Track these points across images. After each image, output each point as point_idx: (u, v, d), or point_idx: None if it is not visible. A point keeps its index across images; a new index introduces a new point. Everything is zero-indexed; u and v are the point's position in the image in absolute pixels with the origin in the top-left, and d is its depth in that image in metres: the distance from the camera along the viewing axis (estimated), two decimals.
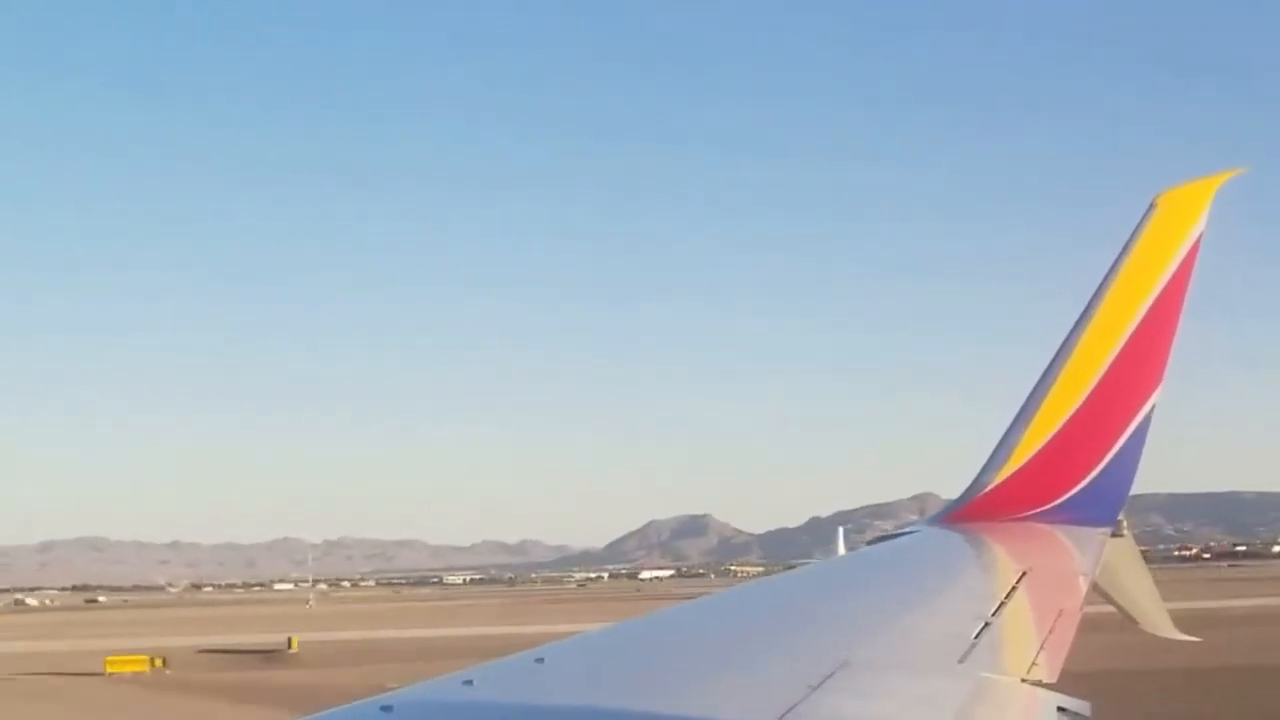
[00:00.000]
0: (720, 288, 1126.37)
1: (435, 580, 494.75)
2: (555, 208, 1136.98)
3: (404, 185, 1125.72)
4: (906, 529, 12.17)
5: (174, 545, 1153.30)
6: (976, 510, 11.55)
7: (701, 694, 4.83)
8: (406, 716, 4.20)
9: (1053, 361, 11.74)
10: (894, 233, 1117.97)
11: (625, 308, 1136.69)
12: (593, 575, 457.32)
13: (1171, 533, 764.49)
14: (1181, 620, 12.01)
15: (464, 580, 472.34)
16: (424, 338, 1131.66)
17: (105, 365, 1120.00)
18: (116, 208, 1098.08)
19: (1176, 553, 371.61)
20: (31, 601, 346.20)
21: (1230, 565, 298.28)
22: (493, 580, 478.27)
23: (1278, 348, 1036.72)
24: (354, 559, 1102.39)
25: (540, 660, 5.00)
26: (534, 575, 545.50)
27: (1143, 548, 12.52)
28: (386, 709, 4.17)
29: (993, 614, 7.29)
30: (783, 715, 4.49)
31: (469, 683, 4.54)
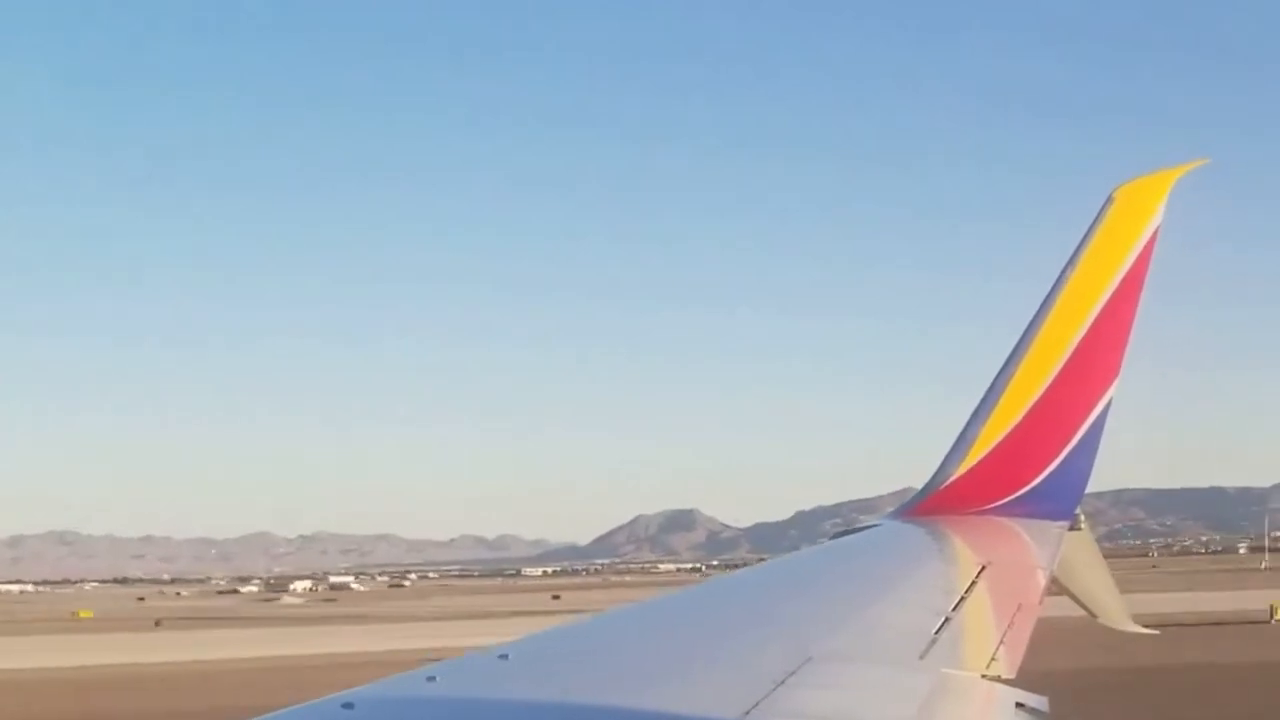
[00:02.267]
0: (705, 284, 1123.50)
1: (512, 573, 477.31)
2: (535, 203, 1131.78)
3: (380, 181, 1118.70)
4: (868, 523, 12.10)
5: (147, 539, 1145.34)
6: (937, 504, 11.54)
7: (666, 690, 4.81)
8: (368, 714, 4.16)
9: (1011, 355, 11.70)
10: (872, 227, 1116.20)
11: (611, 304, 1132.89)
12: (688, 566, 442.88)
13: (1155, 527, 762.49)
14: None
15: (541, 572, 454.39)
16: (400, 331, 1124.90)
17: (76, 359, 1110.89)
18: (85, 204, 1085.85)
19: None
20: (357, 586, 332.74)
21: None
22: (570, 572, 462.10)
23: (1256, 344, 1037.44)
24: (329, 554, 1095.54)
25: (504, 657, 4.97)
26: (620, 565, 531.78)
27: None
28: (348, 706, 4.13)
29: (953, 609, 7.36)
30: (748, 711, 4.47)
31: (432, 679, 4.53)
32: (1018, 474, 11.68)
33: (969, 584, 8.23)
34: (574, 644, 5.81)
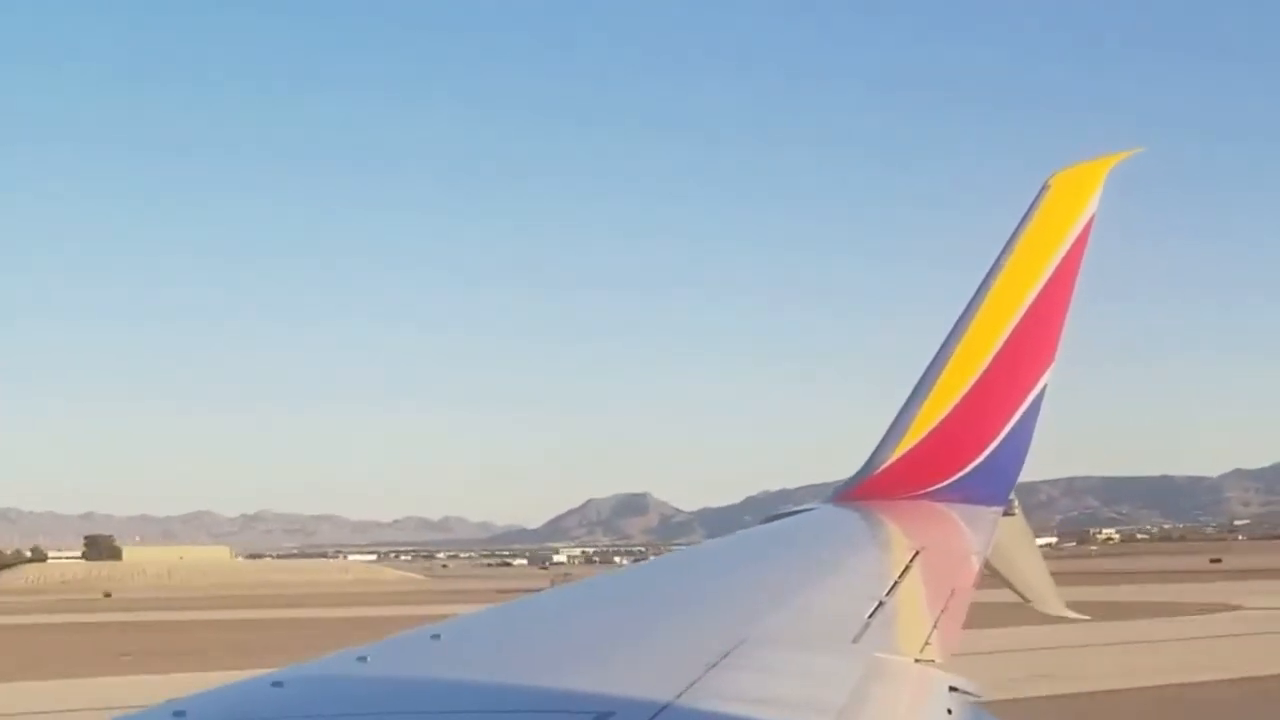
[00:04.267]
0: (656, 268, 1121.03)
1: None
2: (486, 189, 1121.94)
3: (331, 164, 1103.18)
4: (802, 507, 11.99)
5: (88, 517, 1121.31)
6: (871, 488, 11.54)
7: (599, 672, 4.77)
8: (297, 692, 4.16)
9: (946, 340, 11.69)
10: (825, 214, 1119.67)
11: (561, 288, 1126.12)
12: None
13: (1111, 515, 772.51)
14: None
15: (569, 559, 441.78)
16: (344, 312, 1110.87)
17: (15, 337, 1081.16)
18: (26, 186, 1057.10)
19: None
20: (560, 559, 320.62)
21: None
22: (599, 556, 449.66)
23: (1206, 336, 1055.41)
24: (273, 533, 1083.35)
25: (436, 637, 4.97)
26: (646, 549, 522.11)
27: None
28: (277, 685, 4.15)
29: (886, 593, 7.31)
30: (680, 693, 4.40)
31: (363, 659, 4.54)
32: (952, 459, 11.68)
33: (903, 568, 8.24)
34: (507, 625, 5.79)
